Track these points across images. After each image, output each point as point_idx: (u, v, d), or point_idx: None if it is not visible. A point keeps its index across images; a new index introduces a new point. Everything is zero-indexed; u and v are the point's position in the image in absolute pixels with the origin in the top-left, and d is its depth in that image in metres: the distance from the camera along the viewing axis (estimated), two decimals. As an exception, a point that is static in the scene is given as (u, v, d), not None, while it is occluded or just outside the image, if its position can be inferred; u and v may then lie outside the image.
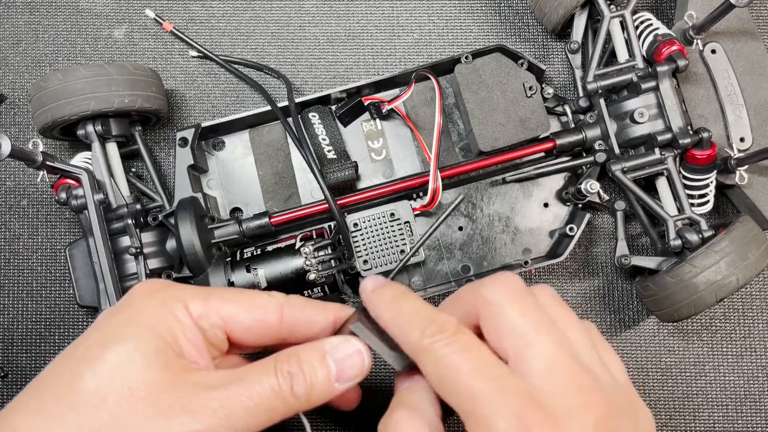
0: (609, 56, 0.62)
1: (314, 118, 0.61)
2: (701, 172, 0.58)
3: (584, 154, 0.62)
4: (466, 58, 0.60)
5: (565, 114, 0.63)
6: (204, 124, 0.60)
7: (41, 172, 0.55)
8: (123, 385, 0.29)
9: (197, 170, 0.61)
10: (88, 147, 0.59)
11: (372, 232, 0.58)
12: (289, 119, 0.59)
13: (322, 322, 0.36)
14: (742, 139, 0.60)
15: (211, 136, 0.63)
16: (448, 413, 0.34)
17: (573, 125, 0.62)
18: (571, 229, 0.60)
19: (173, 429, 0.28)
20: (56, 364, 0.31)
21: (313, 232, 0.58)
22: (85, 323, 0.64)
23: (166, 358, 0.30)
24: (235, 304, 0.34)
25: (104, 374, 0.29)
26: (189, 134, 0.59)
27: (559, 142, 0.60)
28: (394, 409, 0.32)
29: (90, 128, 0.57)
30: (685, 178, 0.59)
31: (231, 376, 0.31)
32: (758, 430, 0.63)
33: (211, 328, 0.33)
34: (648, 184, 0.61)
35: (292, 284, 0.55)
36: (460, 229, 0.63)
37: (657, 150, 0.58)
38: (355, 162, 0.60)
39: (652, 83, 0.58)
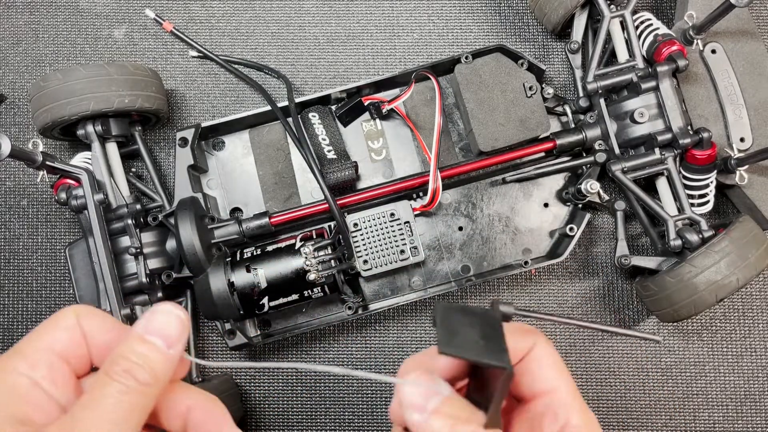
0: (609, 56, 0.62)
1: (314, 118, 0.61)
2: (701, 172, 0.58)
3: (584, 154, 0.62)
4: (466, 58, 0.60)
5: (565, 114, 0.63)
6: (204, 124, 0.60)
7: (41, 172, 0.55)
8: None
9: (197, 170, 0.61)
10: (88, 147, 0.59)
11: (372, 232, 0.58)
12: (289, 119, 0.59)
13: (107, 338, 0.34)
14: (742, 139, 0.60)
15: (211, 136, 0.63)
16: None
17: (573, 125, 0.62)
18: (571, 229, 0.60)
19: None
20: None
21: (313, 232, 0.58)
22: (85, 323, 0.64)
23: (15, 428, 0.30)
24: (41, 334, 0.33)
25: None
26: (189, 134, 0.59)
27: (559, 142, 0.60)
28: None
29: (90, 128, 0.57)
30: (685, 178, 0.59)
31: (81, 408, 0.30)
32: (758, 430, 0.63)
33: (51, 367, 0.32)
34: (648, 184, 0.61)
35: (292, 284, 0.55)
36: (460, 229, 0.63)
37: (657, 150, 0.58)
38: (355, 162, 0.60)
39: (652, 83, 0.58)
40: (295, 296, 0.56)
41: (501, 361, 0.28)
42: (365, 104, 0.62)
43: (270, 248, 0.57)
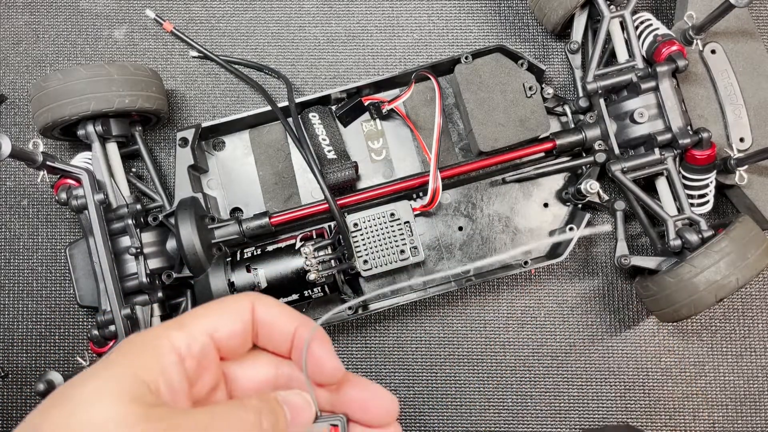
0: (609, 56, 0.62)
1: (314, 118, 0.61)
2: (701, 172, 0.58)
3: (584, 154, 0.62)
4: (466, 58, 0.60)
5: (565, 114, 0.63)
6: (204, 124, 0.60)
7: (41, 172, 0.56)
8: (89, 421, 0.28)
9: (197, 170, 0.61)
10: (88, 147, 0.59)
11: (372, 232, 0.58)
12: (289, 119, 0.59)
13: (284, 328, 0.36)
14: (741, 139, 0.60)
15: (211, 136, 0.63)
16: None
17: (573, 125, 0.62)
18: (571, 229, 0.60)
19: None
20: (29, 415, 0.31)
21: (313, 232, 0.58)
22: (85, 323, 0.64)
23: (140, 391, 0.30)
24: (209, 315, 0.34)
25: (69, 411, 0.29)
26: (189, 134, 0.59)
27: (559, 142, 0.60)
28: None
29: (90, 128, 0.57)
30: (684, 178, 0.59)
31: (202, 413, 0.31)
32: (758, 430, 0.63)
33: (202, 351, 0.33)
34: (648, 184, 0.61)
35: (292, 284, 0.55)
36: (460, 229, 0.63)
37: (657, 150, 0.58)
38: (355, 162, 0.60)
39: (652, 83, 0.58)
40: (295, 296, 0.56)
41: None
42: (365, 104, 0.62)
43: (270, 248, 0.57)
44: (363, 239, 0.58)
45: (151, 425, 0.28)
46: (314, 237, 0.57)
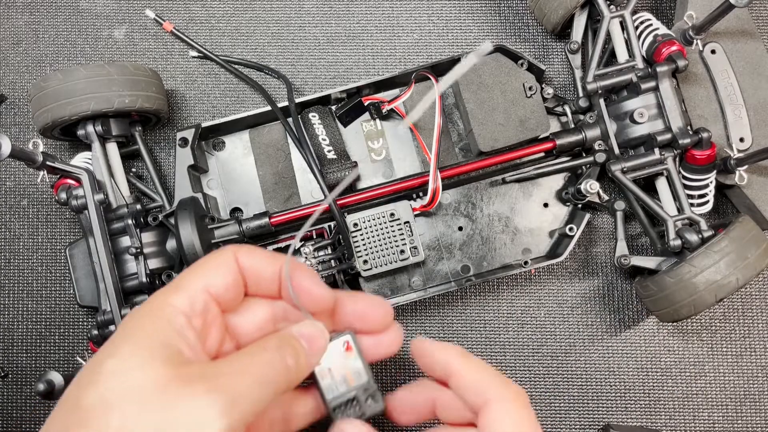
0: (609, 56, 0.62)
1: (314, 118, 0.61)
2: (701, 172, 0.58)
3: (584, 154, 0.62)
4: (466, 58, 0.60)
5: (564, 114, 0.63)
6: (204, 124, 0.60)
7: (41, 172, 0.56)
8: (127, 388, 0.29)
9: (197, 170, 0.61)
10: (88, 147, 0.59)
11: (372, 232, 0.58)
12: (289, 119, 0.59)
13: (269, 270, 0.37)
14: (741, 139, 0.60)
15: (211, 136, 0.63)
16: None
17: (573, 125, 0.62)
18: (570, 229, 0.60)
19: (186, 416, 0.29)
20: (64, 395, 0.32)
21: (313, 232, 0.58)
22: (85, 323, 0.64)
23: (165, 354, 0.31)
24: (201, 273, 0.35)
25: (105, 384, 0.30)
26: (189, 134, 0.59)
27: (558, 142, 0.60)
28: None
29: (90, 128, 0.57)
30: (684, 178, 0.59)
31: (229, 361, 0.32)
32: (758, 430, 0.63)
33: (204, 307, 0.34)
34: (648, 184, 0.61)
35: (292, 284, 0.55)
36: (460, 229, 0.63)
37: (657, 150, 0.58)
38: (355, 162, 0.60)
39: (652, 83, 0.58)
40: (295, 296, 0.56)
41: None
42: (365, 104, 0.62)
43: (270, 248, 0.57)
44: (363, 239, 0.58)
45: (187, 381, 0.30)
46: (314, 237, 0.57)
